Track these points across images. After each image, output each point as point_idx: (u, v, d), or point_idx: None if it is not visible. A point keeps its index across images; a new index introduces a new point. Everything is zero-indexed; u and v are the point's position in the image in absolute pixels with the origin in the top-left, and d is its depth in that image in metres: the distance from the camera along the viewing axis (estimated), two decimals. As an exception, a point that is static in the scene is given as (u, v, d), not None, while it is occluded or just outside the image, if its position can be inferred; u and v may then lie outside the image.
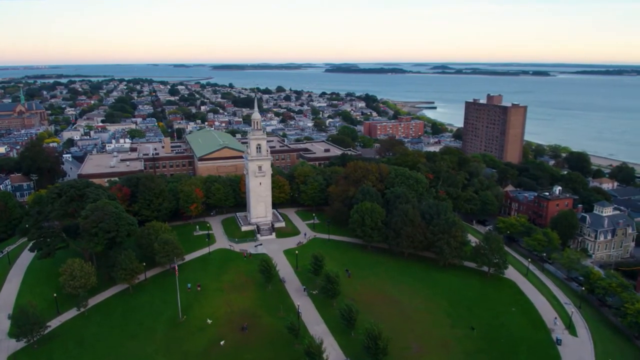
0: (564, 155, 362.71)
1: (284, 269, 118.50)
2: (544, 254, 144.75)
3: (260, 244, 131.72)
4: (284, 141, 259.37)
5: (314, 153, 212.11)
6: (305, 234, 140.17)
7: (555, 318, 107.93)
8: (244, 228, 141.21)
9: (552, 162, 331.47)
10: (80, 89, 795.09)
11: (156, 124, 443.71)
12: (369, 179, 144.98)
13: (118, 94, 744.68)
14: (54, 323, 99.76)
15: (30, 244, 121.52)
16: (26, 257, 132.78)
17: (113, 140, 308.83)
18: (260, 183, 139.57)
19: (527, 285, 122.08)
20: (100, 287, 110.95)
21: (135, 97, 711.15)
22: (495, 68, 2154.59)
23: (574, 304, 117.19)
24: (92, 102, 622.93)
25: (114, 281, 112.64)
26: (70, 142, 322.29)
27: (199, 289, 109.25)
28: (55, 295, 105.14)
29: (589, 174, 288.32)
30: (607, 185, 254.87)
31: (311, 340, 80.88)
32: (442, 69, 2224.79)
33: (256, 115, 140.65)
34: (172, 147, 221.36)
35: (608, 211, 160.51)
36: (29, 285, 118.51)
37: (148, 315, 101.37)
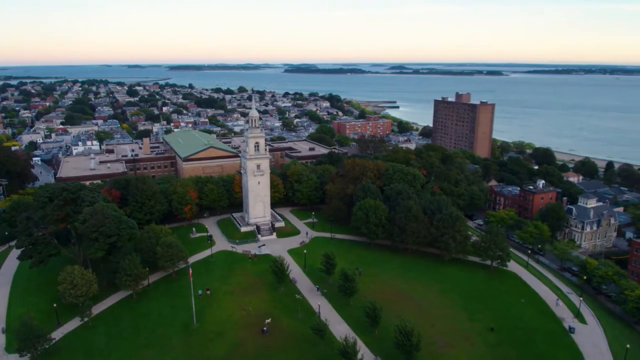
0: (529, 151, 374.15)
1: (292, 269, 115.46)
2: (539, 246, 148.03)
3: (263, 245, 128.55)
4: (265, 140, 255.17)
5: (299, 152, 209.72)
6: (307, 233, 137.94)
7: (557, 300, 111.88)
8: (243, 229, 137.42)
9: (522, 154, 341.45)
10: (33, 91, 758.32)
11: (119, 125, 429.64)
12: (367, 176, 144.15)
13: (74, 96, 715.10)
14: (55, 335, 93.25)
15: (19, 252, 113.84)
16: (10, 266, 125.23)
17: (80, 143, 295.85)
18: (259, 182, 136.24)
19: (529, 276, 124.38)
20: (101, 294, 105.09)
21: (93, 99, 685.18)
22: (451, 68, 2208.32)
23: (575, 293, 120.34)
24: (48, 104, 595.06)
25: (114, 288, 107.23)
26: (33, 146, 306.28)
27: (208, 292, 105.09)
28: (55, 305, 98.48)
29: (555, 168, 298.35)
30: (573, 179, 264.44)
31: (346, 340, 79.04)
32: (400, 69, 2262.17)
33: (254, 112, 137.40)
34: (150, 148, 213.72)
35: (592, 203, 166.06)
36: (19, 296, 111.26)
37: (159, 323, 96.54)
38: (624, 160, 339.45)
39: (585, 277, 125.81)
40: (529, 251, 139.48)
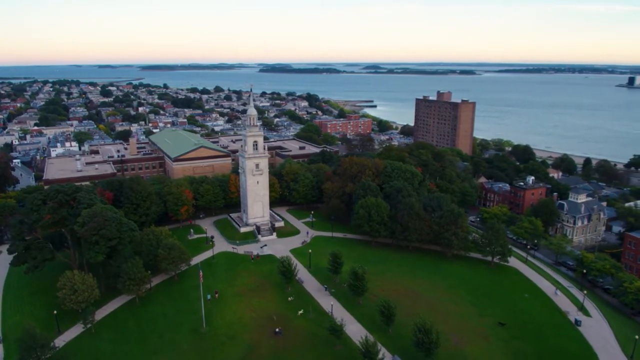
0: (508, 148, 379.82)
1: (298, 269, 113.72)
2: (536, 241, 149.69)
3: (265, 245, 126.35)
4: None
5: (290, 151, 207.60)
6: (307, 233, 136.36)
7: (556, 290, 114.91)
8: (242, 229, 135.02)
9: (500, 154, 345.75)
10: (2, 92, 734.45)
11: (95, 126, 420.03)
12: (365, 174, 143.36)
13: (45, 96, 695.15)
14: (57, 343, 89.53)
15: (11, 258, 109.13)
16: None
17: (58, 144, 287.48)
18: (257, 182, 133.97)
19: (529, 271, 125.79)
20: (101, 300, 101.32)
21: (66, 99, 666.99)
22: (424, 67, 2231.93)
23: (575, 287, 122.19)
24: (19, 105, 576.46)
25: (114, 293, 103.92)
26: (9, 147, 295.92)
27: (216, 296, 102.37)
28: (55, 312, 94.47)
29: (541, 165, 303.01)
30: (552, 175, 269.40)
31: (367, 340, 77.95)
32: (374, 68, 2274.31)
33: (252, 110, 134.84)
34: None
35: (582, 198, 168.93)
36: (12, 303, 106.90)
37: (166, 327, 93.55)
38: (599, 157, 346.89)
39: (584, 271, 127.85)
40: (529, 247, 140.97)
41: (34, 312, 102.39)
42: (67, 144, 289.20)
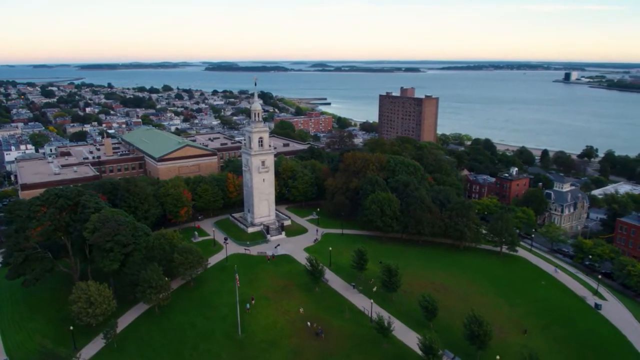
0: (468, 142, 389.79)
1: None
2: (534, 230, 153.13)
3: (279, 245, 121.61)
4: (234, 138, 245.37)
5: (275, 148, 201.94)
6: (317, 230, 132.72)
7: (556, 269, 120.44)
8: (250, 230, 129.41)
9: (461, 149, 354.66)
10: None
11: (44, 128, 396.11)
12: (370, 169, 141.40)
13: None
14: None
15: (8, 270, 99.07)
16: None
17: (12, 147, 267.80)
18: (263, 179, 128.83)
19: (537, 260, 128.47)
20: (116, 311, 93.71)
21: (5, 101, 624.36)
22: (371, 65, 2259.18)
23: (581, 272, 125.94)
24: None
25: (128, 303, 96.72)
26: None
27: (253, 302, 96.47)
28: (72, 328, 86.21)
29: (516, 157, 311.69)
30: (514, 167, 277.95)
31: (425, 337, 75.82)
32: (322, 66, 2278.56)
33: (256, 105, 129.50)
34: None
35: (567, 187, 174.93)
36: (11, 320, 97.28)
37: (197, 337, 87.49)
38: (552, 149, 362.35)
39: (590, 256, 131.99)
40: (532, 236, 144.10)
41: (39, 329, 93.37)
42: (22, 147, 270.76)
